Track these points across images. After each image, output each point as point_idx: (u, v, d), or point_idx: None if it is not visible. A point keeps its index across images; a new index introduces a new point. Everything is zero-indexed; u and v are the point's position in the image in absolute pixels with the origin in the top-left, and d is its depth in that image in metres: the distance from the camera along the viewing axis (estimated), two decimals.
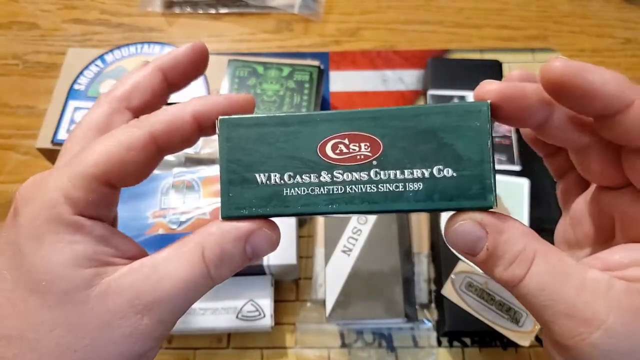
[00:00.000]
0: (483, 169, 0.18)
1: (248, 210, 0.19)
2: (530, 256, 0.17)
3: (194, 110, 0.20)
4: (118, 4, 0.61)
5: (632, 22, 0.59)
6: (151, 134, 0.19)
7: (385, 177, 0.19)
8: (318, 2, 0.60)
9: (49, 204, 0.18)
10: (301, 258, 0.45)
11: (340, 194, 0.19)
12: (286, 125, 0.19)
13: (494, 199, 0.18)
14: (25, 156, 0.51)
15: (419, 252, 0.45)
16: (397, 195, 0.18)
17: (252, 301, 0.41)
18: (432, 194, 0.18)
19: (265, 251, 0.19)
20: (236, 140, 0.19)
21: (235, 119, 0.19)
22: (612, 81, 0.17)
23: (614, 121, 0.17)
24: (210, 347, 0.42)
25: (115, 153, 0.18)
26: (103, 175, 0.18)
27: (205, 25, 0.60)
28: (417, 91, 0.55)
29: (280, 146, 0.19)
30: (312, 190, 0.19)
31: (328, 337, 0.42)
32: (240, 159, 0.19)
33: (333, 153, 0.19)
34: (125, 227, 0.41)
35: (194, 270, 0.18)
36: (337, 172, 0.19)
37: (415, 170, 0.18)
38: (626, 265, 0.18)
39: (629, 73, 0.56)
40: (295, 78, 0.50)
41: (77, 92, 0.49)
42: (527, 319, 0.39)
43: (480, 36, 0.59)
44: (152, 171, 0.20)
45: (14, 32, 0.59)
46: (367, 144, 0.19)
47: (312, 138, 0.19)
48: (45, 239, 0.18)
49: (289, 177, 0.19)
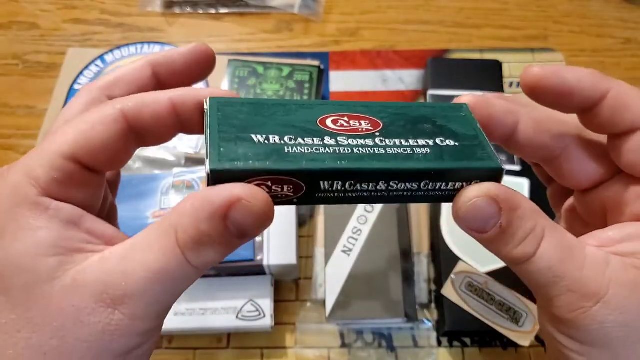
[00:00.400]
0: (481, 141, 0.19)
1: (243, 163, 0.16)
2: (541, 233, 0.17)
3: (172, 95, 0.18)
4: (118, 4, 0.61)
5: (632, 22, 0.59)
6: (121, 109, 0.18)
7: (391, 143, 0.18)
8: (318, 2, 0.60)
9: (12, 187, 0.16)
10: (301, 258, 0.45)
11: (348, 153, 0.17)
12: (283, 105, 0.19)
13: (499, 161, 0.18)
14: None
15: (419, 252, 0.45)
16: (407, 156, 0.18)
17: (252, 301, 0.41)
18: (442, 155, 0.18)
19: (255, 227, 0.16)
20: (228, 111, 0.18)
21: (227, 98, 0.18)
22: (586, 77, 0.19)
23: (594, 113, 0.19)
24: (210, 347, 0.42)
25: (82, 129, 0.17)
26: (68, 151, 0.17)
27: (205, 25, 0.60)
28: (417, 91, 0.55)
29: (277, 118, 0.18)
30: (316, 150, 0.17)
31: (328, 337, 0.42)
32: (233, 124, 0.17)
33: (334, 125, 0.18)
34: (125, 227, 0.41)
35: (167, 258, 0.16)
36: (342, 138, 0.17)
37: (419, 140, 0.18)
38: (618, 241, 0.18)
39: (629, 73, 0.56)
40: (295, 78, 0.50)
41: (77, 92, 0.49)
42: (527, 319, 0.39)
43: (480, 36, 0.59)
44: (128, 156, 0.19)
45: (14, 32, 0.59)
46: (367, 122, 0.19)
47: (311, 115, 0.18)
48: (8, 228, 0.16)
49: (289, 139, 0.17)
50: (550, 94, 0.19)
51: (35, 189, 0.16)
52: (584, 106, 0.19)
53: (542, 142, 0.20)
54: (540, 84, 0.19)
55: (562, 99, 0.19)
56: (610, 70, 0.56)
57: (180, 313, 0.40)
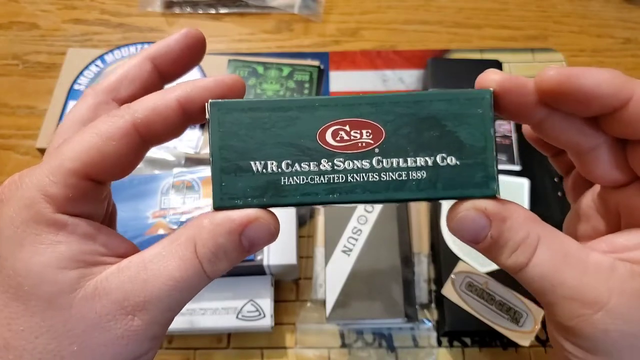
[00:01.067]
0: (486, 157, 0.18)
1: (243, 200, 0.18)
2: (534, 242, 0.17)
3: (179, 95, 0.18)
4: (118, 4, 0.61)
5: (632, 22, 0.59)
6: (133, 122, 0.18)
7: (387, 165, 0.18)
8: (318, 2, 0.60)
9: (27, 203, 0.17)
10: (301, 258, 0.45)
11: (342, 182, 0.18)
12: (283, 110, 0.18)
13: (496, 187, 0.18)
14: (25, 156, 0.51)
15: (419, 252, 0.45)
16: (400, 184, 0.18)
17: (252, 301, 0.41)
18: (436, 182, 0.18)
19: (264, 243, 0.18)
20: (229, 125, 0.18)
21: (228, 103, 0.18)
22: (606, 80, 0.17)
23: (616, 117, 0.17)
24: (210, 347, 0.42)
25: (95, 144, 0.17)
26: (82, 169, 0.17)
27: (205, 25, 0.60)
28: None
29: (277, 132, 0.18)
30: (311, 179, 0.18)
31: (328, 337, 0.42)
32: (234, 146, 0.18)
33: (334, 140, 0.18)
34: (125, 227, 0.41)
35: (186, 267, 0.17)
36: (338, 160, 0.18)
37: (418, 158, 0.18)
38: (630, 248, 0.18)
39: (629, 73, 0.56)
40: (295, 78, 0.50)
41: (77, 92, 0.49)
42: (527, 319, 0.39)
43: (480, 36, 0.59)
44: (137, 163, 0.19)
45: (14, 32, 0.59)
46: (369, 131, 0.18)
47: (312, 124, 0.18)
48: (26, 241, 0.17)
49: (286, 166, 0.18)
50: (568, 100, 0.17)
51: (51, 207, 0.17)
52: (604, 111, 0.18)
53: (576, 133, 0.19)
54: (557, 89, 0.17)
55: (579, 105, 0.17)
56: None
57: (181, 313, 0.40)
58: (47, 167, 0.17)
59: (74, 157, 0.17)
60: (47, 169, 0.17)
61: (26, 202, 0.17)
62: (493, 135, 0.18)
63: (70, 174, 0.17)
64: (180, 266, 0.17)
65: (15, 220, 0.17)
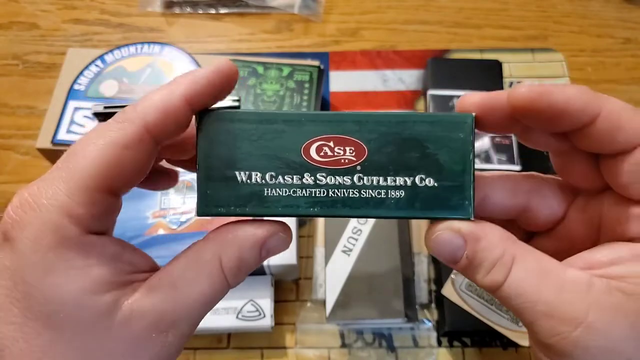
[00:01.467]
0: (464, 180, 0.18)
1: (225, 209, 0.18)
2: (509, 261, 0.18)
3: (185, 92, 0.18)
4: (118, 4, 0.61)
5: (632, 22, 0.59)
6: (145, 126, 0.17)
7: (368, 182, 0.19)
8: (318, 2, 0.60)
9: (52, 227, 0.16)
10: (301, 258, 0.45)
11: (322, 197, 0.19)
12: (270, 122, 0.19)
13: (472, 210, 0.18)
14: (25, 156, 0.51)
15: (419, 252, 0.45)
16: (379, 201, 0.19)
17: (252, 301, 0.41)
18: (414, 202, 0.19)
19: (280, 252, 0.19)
20: (216, 134, 0.18)
21: (217, 113, 0.19)
22: (575, 96, 0.17)
23: (585, 133, 0.18)
24: (210, 347, 0.42)
25: (112, 156, 0.17)
26: (104, 184, 0.17)
27: (205, 25, 0.60)
28: (417, 91, 0.55)
29: (263, 144, 0.19)
30: (293, 192, 0.19)
31: (328, 337, 0.42)
32: (220, 155, 0.18)
33: (317, 155, 0.19)
34: (125, 227, 0.41)
35: (214, 283, 0.18)
36: (321, 175, 0.19)
37: (398, 178, 0.18)
38: (606, 264, 0.18)
39: (629, 73, 0.56)
40: (295, 78, 0.50)
41: (77, 92, 0.49)
42: None
43: (480, 36, 0.59)
44: (151, 165, 0.19)
45: (14, 32, 0.59)
46: (352, 149, 0.19)
47: (297, 138, 0.19)
48: (55, 267, 0.16)
49: (270, 177, 0.19)
50: (539, 117, 0.18)
51: (78, 228, 0.17)
52: (573, 127, 0.18)
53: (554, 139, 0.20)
54: (528, 107, 0.18)
55: (551, 121, 0.18)
56: (610, 70, 0.56)
57: None
58: (64, 185, 0.16)
59: (93, 173, 0.16)
60: (66, 187, 0.16)
61: (51, 227, 0.16)
62: (472, 160, 0.18)
63: (93, 191, 0.17)
64: (210, 282, 0.18)
65: (40, 246, 0.16)
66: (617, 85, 0.55)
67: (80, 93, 0.49)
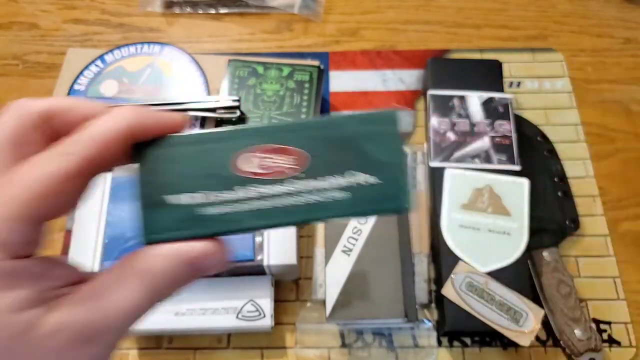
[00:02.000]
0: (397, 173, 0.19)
1: (169, 234, 0.19)
2: None
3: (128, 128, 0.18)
4: (118, 4, 0.61)
5: (632, 22, 0.59)
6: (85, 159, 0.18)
7: (304, 188, 0.19)
8: (318, 2, 0.60)
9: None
10: (301, 258, 0.45)
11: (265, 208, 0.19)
12: (202, 143, 0.19)
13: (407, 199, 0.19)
14: None
15: (419, 252, 0.45)
16: (322, 205, 0.19)
17: (252, 301, 0.41)
18: (355, 200, 0.19)
19: (214, 269, 0.19)
20: (152, 163, 0.19)
21: (150, 142, 0.19)
22: None
23: None
24: (210, 347, 0.42)
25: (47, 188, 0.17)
26: (36, 215, 0.17)
27: (205, 25, 0.60)
28: (417, 91, 0.55)
29: (193, 164, 0.19)
30: (232, 208, 0.19)
31: (328, 337, 0.42)
32: (154, 182, 0.19)
33: (248, 167, 0.19)
34: (124, 227, 0.41)
35: (139, 297, 0.18)
36: (252, 187, 0.19)
37: (336, 178, 0.19)
38: None
39: (629, 73, 0.56)
40: (295, 78, 0.50)
41: (77, 92, 0.49)
42: (527, 319, 0.39)
43: (480, 36, 0.59)
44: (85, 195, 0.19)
45: (14, 32, 0.59)
46: (284, 156, 0.19)
47: (226, 154, 0.19)
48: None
49: (202, 197, 0.19)
50: None
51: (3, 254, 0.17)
52: None
53: None
54: None
55: None
56: (610, 70, 0.56)
57: (181, 313, 0.40)
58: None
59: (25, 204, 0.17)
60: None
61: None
62: (402, 152, 0.19)
63: (25, 221, 0.17)
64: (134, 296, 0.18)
65: None
66: (617, 85, 0.55)
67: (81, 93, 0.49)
